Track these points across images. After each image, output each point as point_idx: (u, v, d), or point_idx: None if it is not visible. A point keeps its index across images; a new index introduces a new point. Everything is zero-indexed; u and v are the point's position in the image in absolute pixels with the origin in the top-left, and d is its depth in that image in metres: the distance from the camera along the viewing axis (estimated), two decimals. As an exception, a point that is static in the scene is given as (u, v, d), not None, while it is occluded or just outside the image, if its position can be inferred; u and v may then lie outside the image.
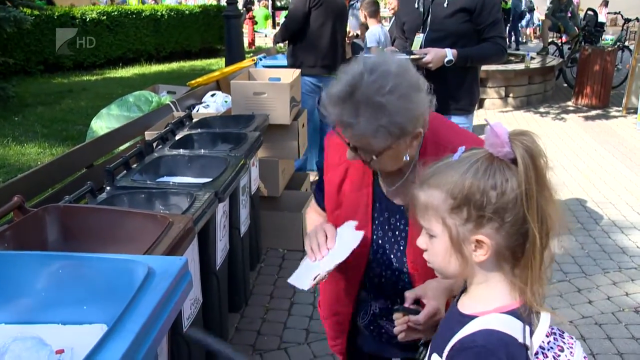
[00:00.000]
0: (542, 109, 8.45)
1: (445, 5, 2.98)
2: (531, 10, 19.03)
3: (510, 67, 8.90)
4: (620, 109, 8.20)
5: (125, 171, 2.66)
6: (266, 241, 3.99)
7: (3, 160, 5.16)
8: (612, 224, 4.37)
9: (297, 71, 4.29)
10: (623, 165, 5.77)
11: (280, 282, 3.61)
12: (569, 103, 8.84)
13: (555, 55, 10.71)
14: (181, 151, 2.99)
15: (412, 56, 2.88)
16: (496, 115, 7.92)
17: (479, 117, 6.43)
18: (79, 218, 1.97)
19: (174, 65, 11.52)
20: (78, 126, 5.99)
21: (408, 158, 1.42)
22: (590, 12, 10.68)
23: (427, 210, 1.08)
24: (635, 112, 7.55)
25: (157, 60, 11.74)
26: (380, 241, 1.56)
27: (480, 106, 6.54)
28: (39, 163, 4.69)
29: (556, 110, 8.43)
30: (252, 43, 15.92)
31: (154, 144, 3.21)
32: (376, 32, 5.67)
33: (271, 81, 4.33)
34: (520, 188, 1.00)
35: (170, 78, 9.10)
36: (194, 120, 3.74)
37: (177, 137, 3.31)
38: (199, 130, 3.43)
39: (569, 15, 11.00)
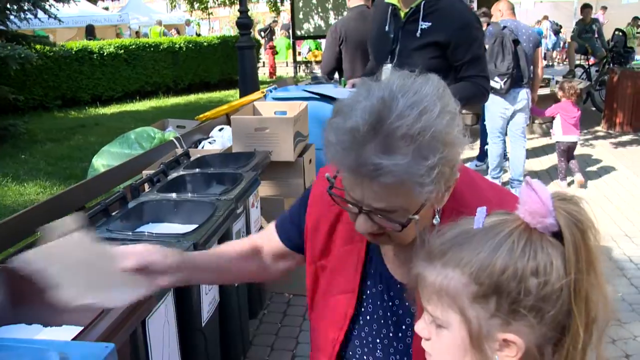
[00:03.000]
0: (570, 135, 8.08)
1: (418, 34, 2.52)
2: (557, 32, 18.73)
3: (534, 92, 8.58)
4: (654, 133, 7.81)
5: (105, 218, 2.45)
6: (271, 286, 3.74)
7: (-2, 201, 5.04)
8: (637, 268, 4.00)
9: (304, 104, 4.07)
10: (659, 194, 5.39)
11: (283, 331, 3.34)
12: (598, 128, 8.45)
13: (583, 78, 10.34)
14: (168, 195, 2.76)
15: None
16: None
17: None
18: (29, 279, 1.75)
19: (192, 97, 11.48)
20: (83, 164, 5.84)
21: (439, 220, 1.02)
22: (618, 33, 10.33)
23: (441, 296, 0.81)
24: (670, 137, 7.14)
25: (175, 92, 11.73)
26: (368, 317, 1.18)
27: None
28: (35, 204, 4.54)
29: (585, 136, 8.04)
30: (273, 73, 15.91)
31: (145, 185, 3.03)
32: None
33: (277, 115, 4.13)
34: (569, 274, 0.75)
35: (187, 111, 9.01)
36: (192, 159, 3.54)
37: (169, 178, 3.11)
38: (193, 170, 3.21)
39: (596, 36, 10.66)
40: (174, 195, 2.77)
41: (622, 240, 4.36)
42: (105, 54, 10.51)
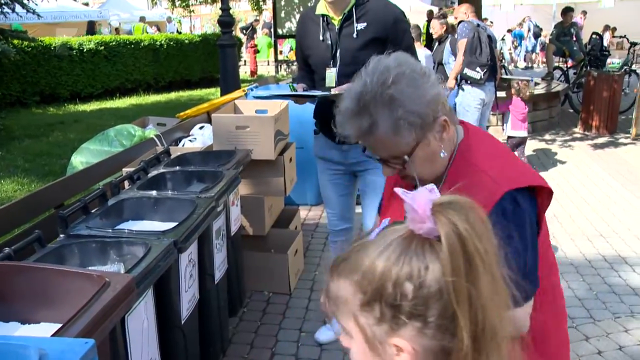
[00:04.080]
0: (547, 136, 8.20)
1: (354, 36, 2.71)
2: (537, 35, 18.92)
3: (513, 93, 8.69)
4: (629, 135, 7.94)
5: (84, 216, 2.44)
6: (250, 283, 3.74)
7: (-27, 199, 4.97)
8: (623, 261, 4.07)
9: (285, 103, 4.08)
10: (633, 196, 5.48)
11: (263, 329, 3.35)
12: (576, 129, 8.59)
13: (561, 80, 10.49)
14: (148, 193, 2.76)
15: (333, 92, 2.62)
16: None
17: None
18: (6, 277, 1.74)
19: (172, 95, 11.40)
20: (62, 160, 5.78)
21: (445, 154, 1.34)
22: (595, 36, 10.48)
23: (338, 306, 0.82)
24: (644, 139, 7.29)
25: (156, 90, 11.63)
26: None
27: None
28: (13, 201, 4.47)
29: (562, 137, 8.18)
30: (254, 72, 15.86)
31: (126, 183, 3.03)
32: (421, 54, 5.61)
33: (258, 113, 4.13)
34: (446, 278, 0.74)
35: (167, 108, 8.95)
36: (172, 157, 3.53)
37: (149, 176, 3.10)
38: (173, 168, 3.21)
39: (574, 39, 10.80)
40: (154, 192, 2.77)
41: (597, 240, 4.44)
42: (85, 50, 10.38)
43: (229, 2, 7.30)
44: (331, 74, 2.80)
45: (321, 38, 2.79)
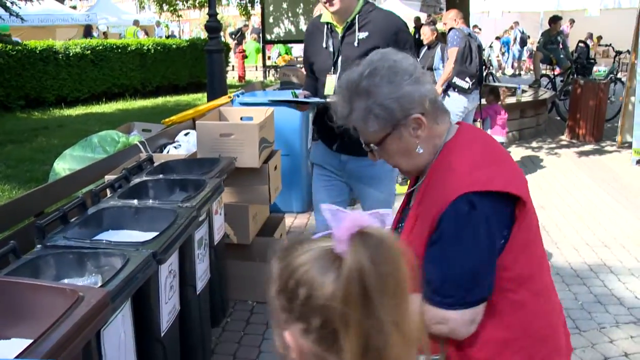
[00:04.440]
0: (534, 144, 8.23)
1: (356, 44, 2.74)
2: (524, 42, 19.02)
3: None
4: (614, 143, 7.99)
5: (62, 225, 2.39)
6: (234, 293, 3.70)
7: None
8: (609, 271, 4.07)
9: (271, 110, 4.04)
10: (618, 204, 5.50)
11: (246, 339, 3.30)
12: (562, 137, 8.62)
13: (548, 88, 10.54)
14: (129, 202, 2.71)
15: (329, 100, 2.60)
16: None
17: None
18: (-22, 292, 1.69)
19: (160, 100, 11.32)
20: (45, 167, 5.70)
21: (421, 150, 1.39)
22: (581, 45, 10.55)
23: (269, 285, 0.89)
24: (630, 147, 7.32)
25: (143, 95, 11.55)
26: None
27: None
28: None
29: (549, 144, 8.20)
30: (242, 77, 15.82)
31: (108, 191, 2.98)
32: None
33: (243, 120, 4.10)
34: (332, 302, 0.79)
35: (154, 114, 8.88)
36: (155, 164, 3.48)
37: (131, 184, 3.05)
38: (156, 176, 3.16)
39: (561, 47, 10.87)
40: (135, 201, 2.72)
41: (583, 249, 4.44)
42: (71, 54, 10.28)
43: (216, 7, 7.27)
44: (331, 80, 2.83)
45: (324, 45, 2.84)
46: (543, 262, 1.47)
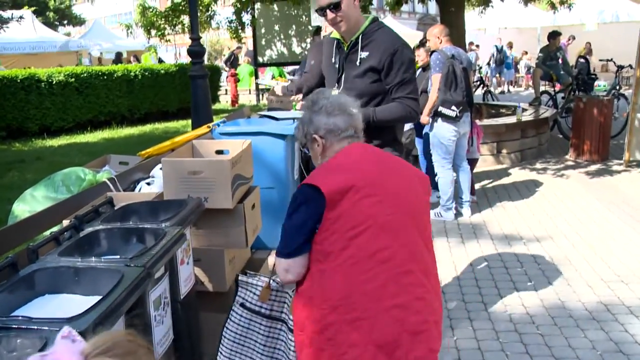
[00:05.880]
0: (538, 165, 7.83)
1: (357, 63, 2.85)
2: (501, 60, 18.57)
3: (500, 120, 8.34)
4: (621, 161, 7.59)
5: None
6: (209, 346, 3.27)
7: None
8: (628, 311, 3.64)
9: (248, 142, 3.67)
10: (633, 230, 5.08)
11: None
12: (567, 157, 8.22)
13: (549, 105, 10.17)
14: (70, 260, 2.30)
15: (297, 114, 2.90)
16: (489, 175, 7.30)
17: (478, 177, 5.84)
18: None
19: (147, 127, 10.95)
20: (10, 206, 5.28)
21: (319, 160, 2.07)
22: (582, 60, 10.20)
23: None
24: (638, 166, 6.92)
25: (131, 122, 11.18)
26: None
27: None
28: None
29: (554, 165, 7.80)
30: (235, 101, 15.50)
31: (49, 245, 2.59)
32: None
33: (217, 155, 3.72)
34: None
35: (139, 143, 8.50)
36: (116, 208, 3.10)
37: (81, 234, 2.66)
38: (111, 224, 2.76)
39: (561, 62, 10.53)
40: (78, 260, 2.31)
41: (597, 286, 4.01)
42: (54, 82, 9.93)
43: (199, 32, 6.94)
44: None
45: (332, 60, 2.98)
46: (353, 243, 1.80)
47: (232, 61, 17.63)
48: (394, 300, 1.77)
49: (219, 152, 3.77)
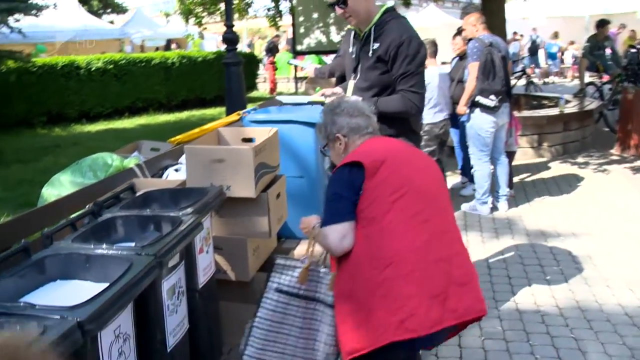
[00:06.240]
0: (580, 159, 7.52)
1: (370, 54, 2.89)
2: (534, 50, 17.98)
3: (542, 112, 8.05)
4: (671, 157, 7.24)
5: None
6: (230, 336, 3.22)
7: None
8: (673, 316, 3.43)
9: (274, 130, 3.58)
10: (680, 230, 4.82)
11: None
12: (612, 151, 7.88)
13: (595, 97, 9.78)
14: (83, 246, 2.27)
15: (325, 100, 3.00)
16: (529, 168, 7.04)
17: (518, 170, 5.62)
18: None
19: (184, 114, 11.01)
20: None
21: (343, 155, 2.19)
22: (632, 50, 9.76)
23: None
24: (690, 162, 6.58)
25: (169, 109, 11.25)
26: None
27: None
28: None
29: (597, 159, 7.48)
30: (273, 89, 15.47)
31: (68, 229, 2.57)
32: (433, 72, 5.27)
33: (241, 143, 3.65)
34: None
35: (175, 129, 8.51)
36: (137, 194, 3.06)
37: (99, 220, 2.63)
38: (129, 211, 2.72)
39: (610, 52, 10.09)
40: (90, 247, 2.27)
41: (639, 289, 3.80)
42: (92, 69, 10.07)
43: (232, 19, 6.88)
44: (352, 85, 3.03)
45: (350, 50, 3.06)
46: (395, 206, 1.96)
47: (272, 49, 17.59)
48: (439, 253, 1.91)
49: (247, 140, 3.70)
